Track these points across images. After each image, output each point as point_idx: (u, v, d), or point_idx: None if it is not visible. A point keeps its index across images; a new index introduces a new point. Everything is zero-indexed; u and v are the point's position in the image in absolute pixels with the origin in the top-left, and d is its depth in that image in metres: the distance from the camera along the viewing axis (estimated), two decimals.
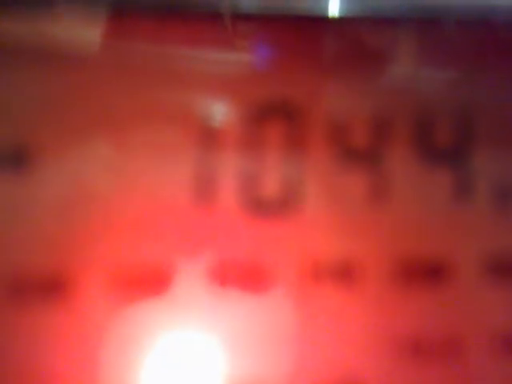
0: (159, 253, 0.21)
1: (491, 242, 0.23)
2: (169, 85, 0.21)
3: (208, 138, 0.21)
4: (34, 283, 0.21)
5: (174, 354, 0.22)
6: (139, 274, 0.21)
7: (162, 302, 0.21)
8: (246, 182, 0.22)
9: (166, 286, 0.21)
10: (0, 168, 0.20)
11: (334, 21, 0.21)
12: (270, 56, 0.21)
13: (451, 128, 0.22)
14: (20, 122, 0.20)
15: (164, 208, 0.21)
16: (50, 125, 0.21)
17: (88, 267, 0.21)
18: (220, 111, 0.22)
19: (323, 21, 0.21)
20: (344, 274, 0.22)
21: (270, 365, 0.22)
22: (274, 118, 0.22)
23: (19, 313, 0.21)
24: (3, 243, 0.21)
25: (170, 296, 0.21)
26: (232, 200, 0.22)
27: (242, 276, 0.22)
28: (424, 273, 0.22)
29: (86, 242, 0.21)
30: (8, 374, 0.21)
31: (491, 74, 0.22)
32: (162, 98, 0.21)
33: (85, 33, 0.20)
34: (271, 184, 0.22)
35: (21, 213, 0.21)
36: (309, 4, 0.20)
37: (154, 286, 0.21)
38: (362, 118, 0.22)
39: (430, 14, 0.21)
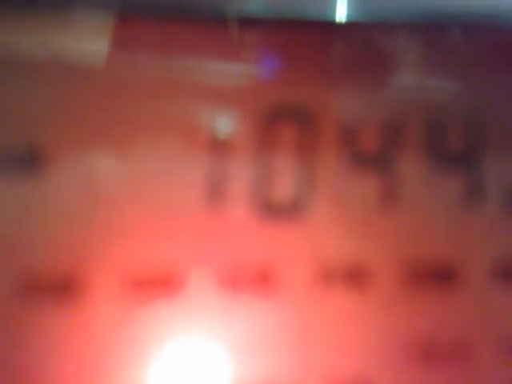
0: (171, 256, 0.22)
1: (501, 247, 0.23)
2: (180, 92, 0.21)
3: (220, 143, 0.21)
4: (46, 284, 0.21)
5: (185, 355, 0.22)
6: (151, 276, 0.21)
7: (173, 304, 0.22)
8: (257, 187, 0.22)
9: (177, 289, 0.22)
10: (13, 170, 0.20)
11: (341, 26, 0.21)
12: (278, 62, 0.21)
13: (462, 132, 0.22)
14: (33, 126, 0.21)
15: (176, 212, 0.22)
16: (64, 128, 0.21)
17: (100, 269, 0.21)
18: (231, 117, 0.22)
19: (331, 26, 0.21)
20: (354, 277, 0.22)
21: (280, 367, 0.22)
22: (284, 123, 0.22)
23: (31, 313, 0.21)
24: (15, 244, 0.21)
25: (180, 299, 0.22)
26: (243, 204, 0.22)
27: (252, 279, 0.22)
28: (434, 277, 0.22)
29: (99, 244, 0.21)
30: (19, 374, 0.21)
31: (502, 78, 0.22)
32: (174, 106, 0.21)
33: (93, 42, 0.21)
34: (282, 188, 0.22)
35: (33, 214, 0.21)
36: (316, 9, 0.20)
37: (165, 289, 0.21)
38: (372, 122, 0.22)
39: (438, 19, 0.21)
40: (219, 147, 0.21)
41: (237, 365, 0.22)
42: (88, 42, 0.21)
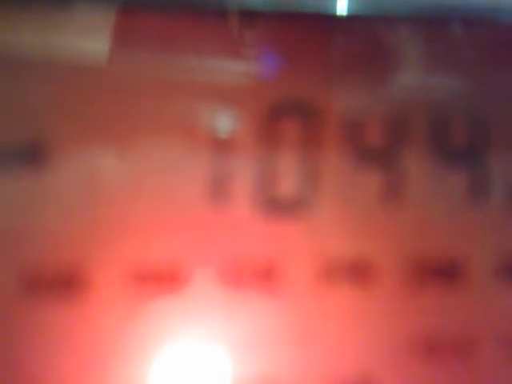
0: (174, 252, 0.22)
1: (505, 243, 0.23)
2: (183, 89, 0.21)
3: (223, 140, 0.22)
4: (49, 280, 0.21)
5: (187, 352, 0.22)
6: (154, 273, 0.21)
7: (176, 301, 0.22)
8: (260, 184, 0.22)
9: (180, 286, 0.22)
10: (16, 166, 0.21)
11: (342, 19, 0.21)
12: (279, 57, 0.21)
13: (466, 128, 0.22)
14: (35, 122, 0.21)
15: (179, 208, 0.22)
16: (66, 125, 0.21)
17: (103, 265, 0.21)
18: (233, 114, 0.22)
19: (331, 19, 0.21)
20: (357, 273, 0.22)
21: (282, 364, 0.22)
22: (287, 119, 0.22)
23: (34, 310, 0.21)
24: (18, 239, 0.21)
25: (183, 295, 0.22)
26: (246, 202, 0.22)
27: (255, 276, 0.22)
28: (438, 273, 0.22)
29: (102, 240, 0.21)
30: (21, 370, 0.21)
31: (506, 74, 0.22)
32: (177, 104, 0.21)
33: (95, 38, 0.21)
34: (285, 185, 0.22)
35: (36, 209, 0.21)
36: (317, 2, 0.20)
37: (168, 286, 0.21)
38: (376, 117, 0.22)
39: (440, 12, 0.21)
40: (222, 144, 0.21)
41: (239, 362, 0.22)
42: (89, 38, 0.21)
